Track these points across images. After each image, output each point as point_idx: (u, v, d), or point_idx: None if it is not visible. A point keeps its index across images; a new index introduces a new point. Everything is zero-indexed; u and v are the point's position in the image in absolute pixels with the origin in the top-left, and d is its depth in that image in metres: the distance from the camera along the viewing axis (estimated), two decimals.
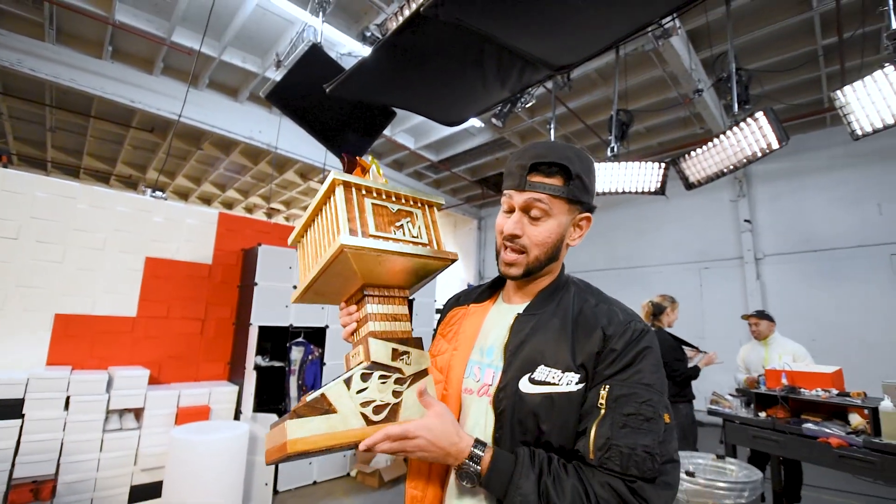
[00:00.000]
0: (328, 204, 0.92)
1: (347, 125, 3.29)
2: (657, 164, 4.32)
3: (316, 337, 4.49)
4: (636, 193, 4.48)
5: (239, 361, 4.27)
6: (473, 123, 6.89)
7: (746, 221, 7.32)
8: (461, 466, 0.79)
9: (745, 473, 2.85)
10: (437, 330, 1.12)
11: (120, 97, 5.65)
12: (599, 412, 0.78)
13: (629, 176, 4.41)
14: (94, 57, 5.47)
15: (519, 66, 2.24)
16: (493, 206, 11.32)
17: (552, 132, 4.86)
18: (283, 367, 4.26)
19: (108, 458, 3.42)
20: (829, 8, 4.44)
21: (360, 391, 0.83)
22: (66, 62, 5.28)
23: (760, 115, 3.47)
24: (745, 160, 3.71)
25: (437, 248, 0.98)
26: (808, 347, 3.92)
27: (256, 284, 4.15)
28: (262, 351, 4.25)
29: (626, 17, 2.03)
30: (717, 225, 7.76)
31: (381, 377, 0.86)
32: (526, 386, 0.84)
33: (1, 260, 3.52)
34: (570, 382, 0.82)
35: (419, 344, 0.95)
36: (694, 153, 4.01)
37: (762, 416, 3.35)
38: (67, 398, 3.31)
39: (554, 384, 0.82)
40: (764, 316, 4.04)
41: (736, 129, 3.64)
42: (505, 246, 0.94)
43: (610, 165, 4.38)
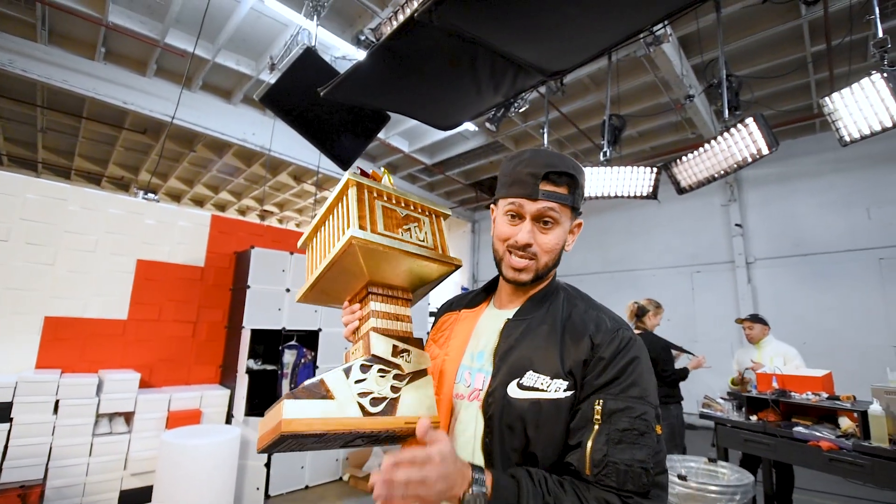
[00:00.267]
0: (340, 205, 0.94)
1: (341, 128, 3.30)
2: (649, 168, 4.35)
3: (309, 340, 4.47)
4: (629, 197, 4.52)
5: (231, 365, 4.24)
6: (467, 127, 6.92)
7: (737, 226, 7.39)
8: (465, 495, 0.71)
9: (736, 477, 2.86)
10: (429, 335, 1.12)
11: (112, 98, 5.62)
12: (594, 427, 0.79)
13: (622, 180, 4.45)
14: (86, 58, 5.44)
15: (512, 71, 2.26)
16: (487, 209, 11.33)
17: (545, 136, 4.89)
18: (275, 370, 4.24)
19: (97, 462, 3.39)
20: (817, 16, 4.50)
21: (358, 381, 0.83)
22: (58, 63, 5.25)
23: (751, 120, 3.52)
24: (735, 165, 3.75)
25: (441, 253, 0.99)
26: (798, 350, 3.94)
27: (249, 287, 4.13)
28: (254, 354, 4.23)
29: (618, 23, 2.05)
30: (708, 229, 7.82)
31: (380, 371, 0.86)
32: (514, 391, 0.84)
33: None
34: (558, 389, 0.82)
35: (420, 344, 0.96)
36: (685, 158, 4.05)
37: (753, 419, 3.38)
38: (57, 402, 3.28)
39: (542, 390, 0.83)
40: (757, 320, 4.06)
41: (727, 134, 3.68)
42: (511, 251, 0.95)
43: (603, 170, 4.41)
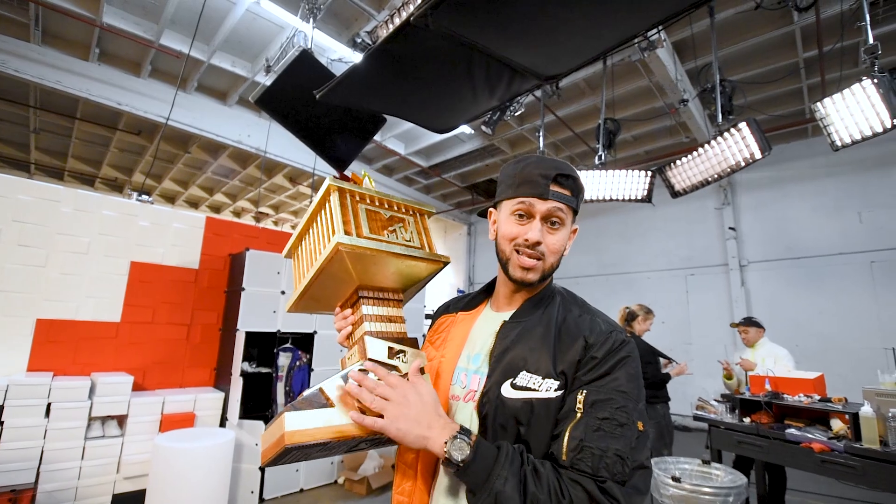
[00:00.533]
0: (323, 210, 0.94)
1: (337, 131, 3.30)
2: (644, 172, 4.38)
3: (304, 343, 4.46)
4: (623, 201, 4.54)
5: (225, 367, 4.22)
6: (463, 130, 6.94)
7: (731, 229, 7.44)
8: (447, 451, 0.75)
9: (730, 478, 2.88)
10: (426, 337, 1.13)
11: (106, 99, 5.59)
12: (575, 416, 0.80)
13: (617, 184, 4.48)
14: (80, 59, 5.41)
15: (508, 75, 2.27)
16: (483, 215, 11.35)
17: (541, 140, 4.91)
18: (270, 373, 4.22)
19: (89, 466, 3.36)
20: (809, 22, 4.56)
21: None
22: (51, 63, 5.22)
23: (744, 125, 3.55)
24: (729, 169, 3.79)
25: (429, 251, 1.00)
26: (790, 352, 3.97)
27: (244, 289, 4.11)
28: (248, 357, 4.21)
29: (613, 28, 2.07)
30: (702, 232, 7.87)
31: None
32: (508, 391, 0.86)
33: None
34: (549, 389, 0.84)
35: (415, 343, 0.97)
36: (679, 162, 4.08)
37: (747, 421, 3.40)
38: (48, 405, 3.25)
39: (534, 390, 0.84)
40: (751, 323, 4.08)
41: (720, 138, 3.71)
42: (518, 250, 0.95)
43: (598, 173, 4.44)
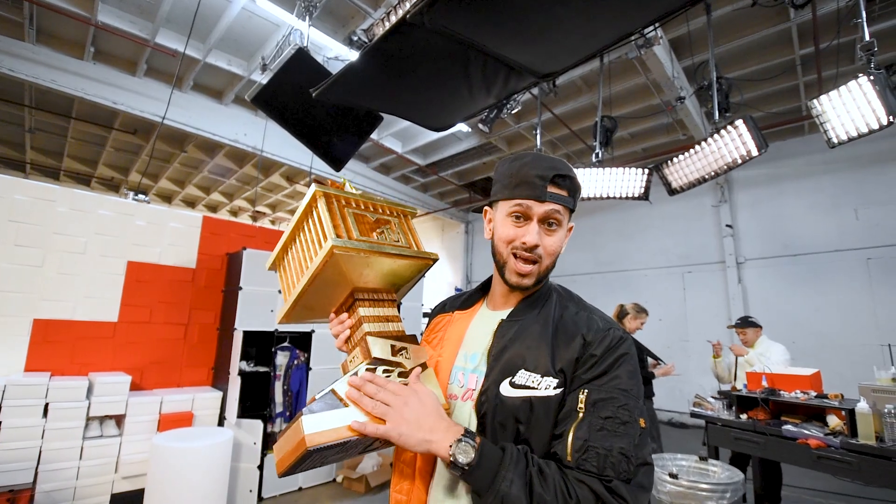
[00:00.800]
0: (310, 217, 0.94)
1: (334, 129, 3.29)
2: (641, 169, 4.39)
3: (301, 342, 4.46)
4: (621, 199, 4.55)
5: (223, 367, 4.22)
6: (460, 128, 6.93)
7: (728, 226, 7.46)
8: (452, 454, 0.74)
9: (727, 475, 2.90)
10: (422, 336, 1.13)
11: (102, 99, 5.57)
12: (577, 415, 0.80)
13: (614, 181, 4.48)
14: (75, 57, 5.38)
15: (504, 72, 2.27)
16: (479, 211, 11.35)
17: (538, 138, 4.91)
18: (268, 372, 4.22)
19: (88, 466, 3.35)
20: (805, 19, 4.56)
21: None
22: (46, 62, 5.19)
23: (740, 122, 3.56)
24: (725, 166, 3.79)
25: (417, 250, 1.01)
26: (786, 348, 3.98)
27: (241, 289, 4.10)
28: (246, 356, 4.20)
29: (609, 26, 2.07)
30: (699, 230, 7.89)
31: (384, 371, 0.88)
32: (506, 389, 0.86)
33: None
34: (548, 387, 0.84)
35: (415, 340, 0.98)
36: (676, 159, 4.09)
37: (743, 418, 3.41)
38: (46, 405, 3.24)
39: (533, 388, 0.84)
40: (748, 324, 4.08)
41: (717, 136, 3.72)
42: (516, 255, 0.93)
43: (595, 171, 4.44)
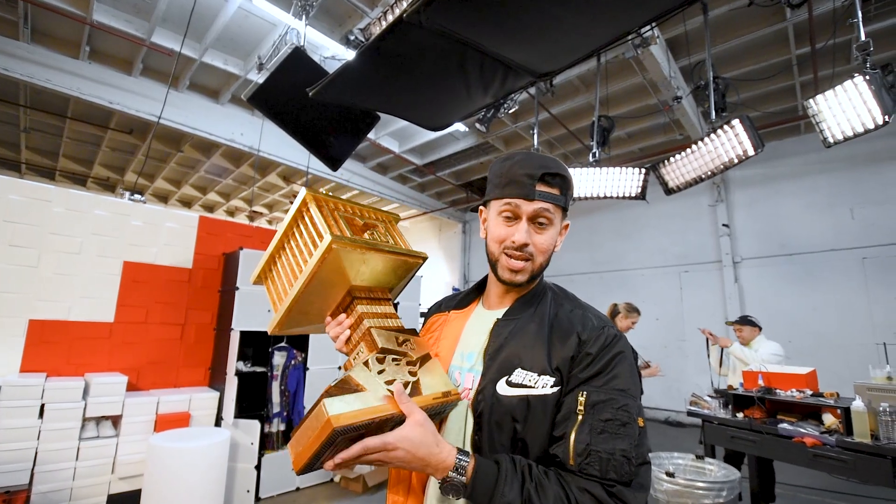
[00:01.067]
0: (301, 222, 0.95)
1: (331, 129, 3.29)
2: (638, 169, 4.39)
3: (299, 341, 4.45)
4: (618, 198, 4.55)
5: (220, 367, 4.21)
6: (458, 128, 6.92)
7: (724, 226, 7.47)
8: (446, 479, 0.76)
9: (723, 473, 2.91)
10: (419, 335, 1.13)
11: (97, 98, 5.54)
12: (577, 418, 0.80)
13: (611, 181, 4.49)
14: (70, 57, 5.35)
15: (502, 72, 2.27)
16: (476, 210, 11.33)
17: (535, 137, 4.91)
18: (265, 372, 4.21)
19: (84, 466, 3.34)
20: (802, 19, 4.58)
21: (380, 372, 0.85)
22: (41, 62, 5.16)
23: (737, 122, 3.56)
24: (722, 166, 3.80)
25: (408, 249, 1.04)
26: (781, 346, 4.02)
27: (238, 289, 4.10)
28: (243, 356, 4.19)
29: (606, 25, 2.07)
30: (696, 229, 7.90)
31: (394, 359, 0.89)
32: (503, 388, 0.86)
33: None
34: (545, 385, 0.84)
35: (415, 333, 1.00)
36: (673, 159, 4.09)
37: (740, 416, 3.43)
38: (42, 406, 3.23)
39: (530, 387, 0.85)
40: (747, 322, 4.13)
41: (713, 135, 3.73)
42: (507, 253, 0.94)
43: (592, 170, 4.45)
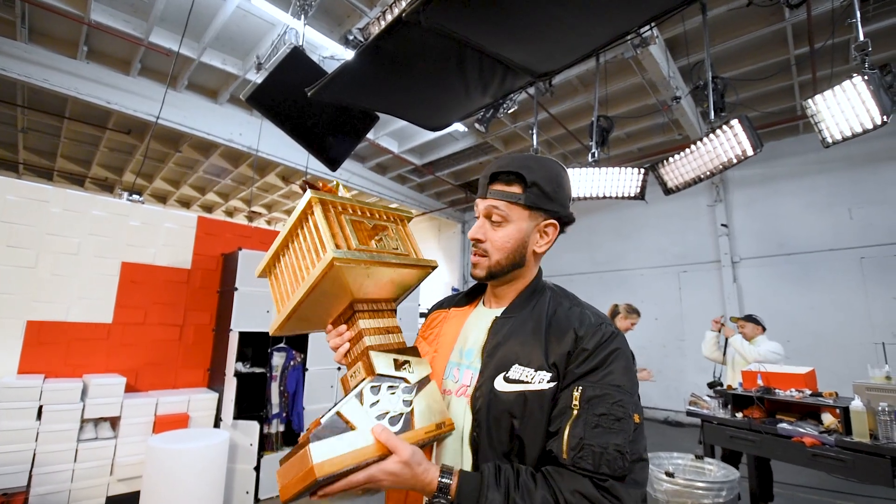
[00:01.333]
0: (305, 225, 0.90)
1: (329, 129, 3.28)
2: (637, 169, 4.39)
3: (298, 342, 4.44)
4: (617, 198, 4.55)
5: (219, 368, 4.20)
6: (457, 128, 6.92)
7: (723, 226, 7.48)
8: (432, 501, 0.78)
9: (723, 473, 2.91)
10: (419, 332, 1.14)
11: (95, 98, 5.52)
12: (572, 413, 0.81)
13: (610, 181, 4.49)
14: (68, 57, 5.34)
15: (501, 72, 2.27)
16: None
17: (534, 137, 4.91)
18: (264, 373, 4.20)
19: (82, 468, 3.33)
20: (800, 19, 4.58)
21: (373, 404, 0.82)
22: (38, 62, 5.14)
23: (736, 122, 3.56)
24: (721, 166, 3.80)
25: (416, 257, 0.99)
26: (780, 345, 4.04)
27: (237, 289, 4.08)
28: (242, 357, 4.18)
29: (605, 26, 2.07)
30: (695, 229, 7.91)
31: (389, 388, 0.86)
32: (501, 384, 0.87)
33: None
34: (541, 381, 0.85)
35: (416, 352, 0.96)
36: (672, 159, 4.09)
37: (739, 416, 3.43)
38: (40, 407, 3.22)
39: (527, 382, 0.86)
40: (750, 320, 4.27)
41: (712, 135, 3.72)
42: (472, 250, 1.01)
43: (591, 171, 4.44)
